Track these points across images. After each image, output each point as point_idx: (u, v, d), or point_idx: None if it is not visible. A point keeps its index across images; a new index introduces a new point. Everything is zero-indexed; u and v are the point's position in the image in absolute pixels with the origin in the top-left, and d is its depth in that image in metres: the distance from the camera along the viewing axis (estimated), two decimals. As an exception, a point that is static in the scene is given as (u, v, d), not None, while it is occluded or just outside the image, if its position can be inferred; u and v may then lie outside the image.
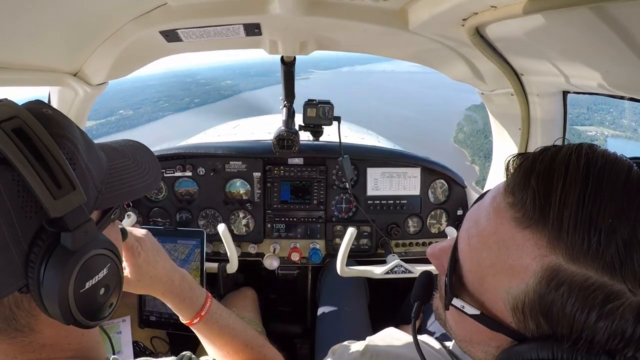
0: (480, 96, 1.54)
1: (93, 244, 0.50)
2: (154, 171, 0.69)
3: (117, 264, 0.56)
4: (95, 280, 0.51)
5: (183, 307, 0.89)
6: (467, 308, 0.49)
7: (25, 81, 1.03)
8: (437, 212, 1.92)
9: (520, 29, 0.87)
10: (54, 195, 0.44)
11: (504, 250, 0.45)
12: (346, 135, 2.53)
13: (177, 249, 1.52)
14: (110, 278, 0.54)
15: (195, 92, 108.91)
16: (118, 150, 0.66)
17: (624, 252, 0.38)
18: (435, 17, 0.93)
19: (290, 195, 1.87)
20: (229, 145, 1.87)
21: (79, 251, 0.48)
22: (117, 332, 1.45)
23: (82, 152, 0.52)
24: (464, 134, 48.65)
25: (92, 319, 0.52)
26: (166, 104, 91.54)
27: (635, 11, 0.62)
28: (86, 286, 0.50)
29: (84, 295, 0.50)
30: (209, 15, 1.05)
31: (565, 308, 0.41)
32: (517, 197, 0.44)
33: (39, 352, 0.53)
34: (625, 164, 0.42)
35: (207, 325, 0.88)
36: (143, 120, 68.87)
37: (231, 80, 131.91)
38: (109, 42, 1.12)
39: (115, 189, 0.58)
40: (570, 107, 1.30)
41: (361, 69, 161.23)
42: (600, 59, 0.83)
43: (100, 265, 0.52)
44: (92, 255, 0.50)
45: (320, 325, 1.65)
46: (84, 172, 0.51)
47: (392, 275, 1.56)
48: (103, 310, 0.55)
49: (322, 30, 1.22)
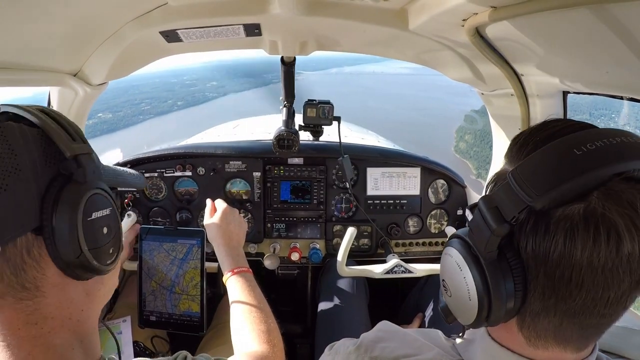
0: (480, 97, 1.54)
1: (99, 183, 0.61)
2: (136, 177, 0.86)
3: (116, 212, 0.64)
4: (100, 214, 0.59)
5: (226, 260, 1.16)
6: None
7: (25, 81, 1.04)
8: (437, 212, 1.92)
9: (520, 30, 0.87)
10: (69, 142, 0.56)
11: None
12: (346, 135, 2.53)
13: (176, 248, 1.52)
14: (111, 220, 0.62)
15: (179, 93, 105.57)
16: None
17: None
18: (435, 17, 0.93)
19: (290, 195, 1.87)
20: (229, 145, 1.87)
21: (88, 183, 0.58)
22: (117, 332, 1.45)
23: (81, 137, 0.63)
24: (466, 143, 44.69)
25: (95, 257, 0.58)
26: (148, 106, 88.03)
27: (635, 11, 0.62)
28: (93, 216, 0.58)
29: (90, 226, 0.57)
30: (209, 15, 1.05)
31: None
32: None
33: (42, 324, 0.55)
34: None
35: (234, 283, 1.10)
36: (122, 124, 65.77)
37: (217, 81, 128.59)
38: (109, 42, 1.12)
39: (109, 176, 0.71)
40: (572, 113, 1.30)
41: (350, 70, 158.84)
42: (600, 59, 0.83)
43: (103, 203, 0.60)
44: (99, 191, 0.60)
45: (320, 325, 1.65)
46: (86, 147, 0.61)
47: (392, 275, 1.56)
48: (105, 253, 0.60)
49: (322, 31, 1.22)
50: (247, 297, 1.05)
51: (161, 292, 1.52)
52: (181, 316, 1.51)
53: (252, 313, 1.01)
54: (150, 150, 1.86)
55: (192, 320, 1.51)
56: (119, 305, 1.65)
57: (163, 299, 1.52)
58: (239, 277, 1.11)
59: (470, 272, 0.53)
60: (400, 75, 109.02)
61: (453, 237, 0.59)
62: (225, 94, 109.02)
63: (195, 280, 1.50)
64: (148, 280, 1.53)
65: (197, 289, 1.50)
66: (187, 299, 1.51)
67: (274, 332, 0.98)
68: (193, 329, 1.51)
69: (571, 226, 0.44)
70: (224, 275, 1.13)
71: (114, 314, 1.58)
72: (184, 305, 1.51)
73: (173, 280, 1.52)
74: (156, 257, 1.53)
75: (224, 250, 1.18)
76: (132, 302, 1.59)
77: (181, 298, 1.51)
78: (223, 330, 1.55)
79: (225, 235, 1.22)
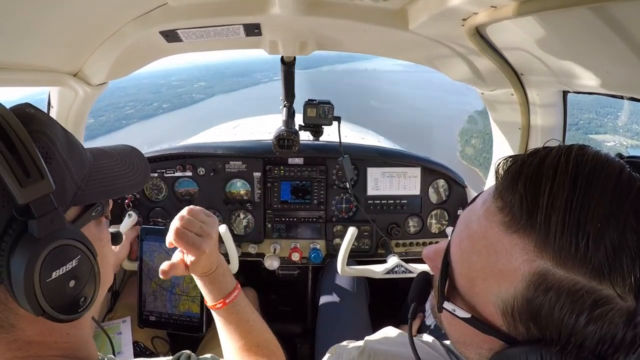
0: (480, 96, 1.54)
1: (61, 234, 0.51)
2: (141, 172, 0.71)
3: (89, 258, 0.55)
4: (62, 270, 0.51)
5: (212, 289, 0.91)
6: (459, 311, 0.49)
7: (25, 81, 1.03)
8: (437, 212, 1.92)
9: (520, 29, 0.88)
10: (21, 183, 0.46)
11: (493, 254, 0.45)
12: (346, 135, 2.53)
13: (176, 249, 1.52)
14: (80, 271, 0.54)
15: (165, 95, 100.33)
16: (107, 152, 0.69)
17: (612, 257, 0.38)
18: (435, 17, 0.93)
19: (290, 195, 1.87)
20: (229, 145, 1.87)
21: (44, 239, 0.49)
22: (117, 332, 1.45)
23: (61, 148, 0.54)
24: (474, 148, 38.44)
25: (64, 312, 0.52)
26: (132, 110, 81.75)
27: (635, 11, 0.62)
28: (53, 276, 0.50)
29: (51, 285, 0.50)
30: (209, 15, 1.05)
31: (554, 313, 0.40)
32: (505, 200, 0.44)
33: (26, 349, 0.53)
34: (616, 166, 0.41)
35: (228, 313, 0.91)
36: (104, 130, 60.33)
37: (205, 82, 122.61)
38: (109, 42, 1.12)
39: (97, 186, 0.60)
40: (579, 112, 1.30)
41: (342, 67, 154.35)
42: (600, 59, 0.83)
43: (68, 256, 0.52)
44: (60, 245, 0.51)
45: (321, 325, 1.65)
46: (60, 166, 0.53)
47: (392, 275, 1.56)
48: (75, 305, 0.54)
49: (322, 30, 1.22)
50: (248, 328, 0.92)
51: (161, 293, 1.52)
52: (181, 317, 1.51)
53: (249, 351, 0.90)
54: (150, 150, 1.86)
55: (191, 321, 1.51)
56: (119, 306, 1.65)
57: (163, 300, 1.52)
58: (232, 305, 0.91)
59: None
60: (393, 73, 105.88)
61: None
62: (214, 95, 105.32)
63: (195, 281, 1.50)
64: (148, 281, 1.52)
65: (197, 290, 1.49)
66: (187, 300, 1.50)
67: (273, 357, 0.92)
68: (193, 330, 1.51)
69: None
70: (212, 306, 0.92)
71: (114, 314, 1.58)
72: (183, 306, 1.51)
73: (173, 282, 1.51)
74: (156, 258, 1.53)
75: (207, 279, 0.92)
76: (132, 302, 1.59)
77: (181, 299, 1.51)
78: (223, 330, 1.55)
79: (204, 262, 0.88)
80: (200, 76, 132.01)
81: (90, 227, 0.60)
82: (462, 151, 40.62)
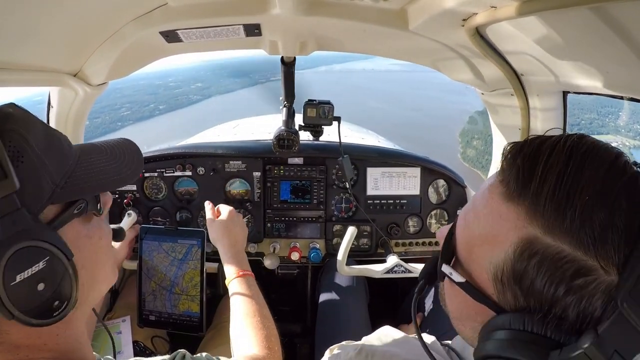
0: (480, 97, 1.54)
1: (25, 235, 0.49)
2: (132, 165, 0.69)
3: (62, 260, 0.52)
4: (27, 273, 0.49)
5: (231, 262, 1.16)
6: (455, 275, 0.52)
7: (25, 81, 1.03)
8: (437, 212, 1.92)
9: (520, 30, 0.88)
10: None
11: (490, 221, 0.48)
12: (346, 135, 2.53)
13: (176, 248, 1.52)
14: (50, 273, 0.51)
15: (162, 96, 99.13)
16: (98, 147, 0.67)
17: (599, 232, 0.39)
18: (435, 17, 0.93)
19: (290, 194, 1.87)
20: (228, 145, 1.87)
21: (6, 241, 0.47)
22: (117, 332, 1.45)
23: (37, 146, 0.52)
24: (476, 150, 37.35)
25: (37, 316, 0.50)
26: (128, 111, 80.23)
27: (635, 11, 0.62)
28: (17, 279, 0.48)
29: (16, 289, 0.48)
30: (209, 15, 1.05)
31: (536, 279, 0.43)
32: (505, 174, 0.48)
33: (15, 352, 0.52)
34: (613, 153, 0.44)
35: (238, 286, 1.09)
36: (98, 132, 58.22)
37: (202, 82, 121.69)
38: (109, 42, 1.12)
39: (79, 182, 0.58)
40: (580, 112, 1.30)
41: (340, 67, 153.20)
42: (600, 59, 0.83)
43: (33, 259, 0.50)
44: (23, 247, 0.49)
45: (320, 325, 1.65)
46: (33, 164, 0.52)
47: (391, 274, 1.56)
48: (49, 308, 0.52)
49: (322, 31, 1.22)
50: (250, 301, 1.05)
51: (161, 292, 1.52)
52: (180, 316, 1.51)
53: (254, 317, 1.01)
54: (150, 150, 1.86)
55: (191, 320, 1.51)
56: (119, 305, 1.65)
57: (162, 299, 1.52)
58: (243, 281, 1.10)
59: None
60: (391, 72, 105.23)
61: None
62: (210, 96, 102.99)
63: (195, 280, 1.50)
64: (148, 280, 1.53)
65: (196, 289, 1.50)
66: (187, 299, 1.51)
67: (274, 337, 0.99)
68: (192, 329, 1.51)
69: None
70: (226, 277, 1.13)
71: (114, 314, 1.58)
72: (183, 306, 1.51)
73: (172, 281, 1.52)
74: (155, 257, 1.53)
75: (230, 252, 1.18)
76: (131, 302, 1.59)
77: (180, 298, 1.51)
78: (223, 330, 1.55)
79: (231, 238, 1.21)
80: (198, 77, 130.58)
81: (74, 225, 0.58)
82: (463, 153, 39.98)
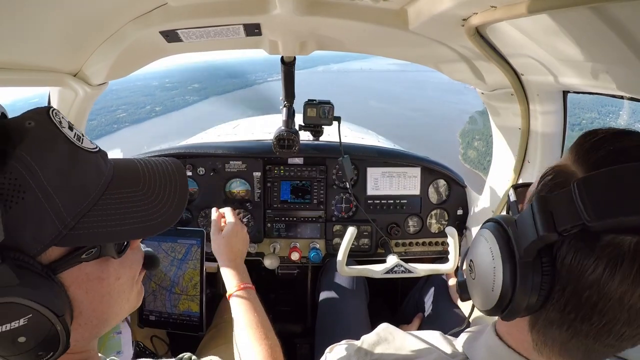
0: (480, 96, 1.54)
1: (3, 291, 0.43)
2: (169, 206, 0.57)
3: (48, 317, 0.46)
4: (4, 328, 0.44)
5: (232, 276, 1.16)
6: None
7: (25, 81, 1.03)
8: (437, 212, 1.93)
9: (520, 29, 0.88)
10: None
11: None
12: (346, 135, 2.53)
13: (175, 248, 1.52)
14: (32, 329, 0.45)
15: (159, 98, 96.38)
16: (136, 173, 0.58)
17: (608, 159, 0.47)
18: (435, 17, 0.93)
19: (290, 194, 1.87)
20: (228, 145, 1.87)
21: None
22: (117, 332, 1.45)
23: (48, 180, 0.46)
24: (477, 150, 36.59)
25: None
26: (124, 113, 77.53)
27: (635, 11, 0.62)
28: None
29: None
30: (209, 15, 1.05)
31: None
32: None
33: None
34: None
35: (238, 301, 1.10)
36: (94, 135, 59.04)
37: (199, 83, 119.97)
38: (109, 42, 1.12)
39: (95, 225, 0.50)
40: (579, 111, 1.30)
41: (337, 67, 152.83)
42: (600, 59, 0.83)
43: (12, 315, 0.44)
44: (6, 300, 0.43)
45: (320, 325, 1.65)
46: (37, 202, 0.45)
47: (392, 275, 1.56)
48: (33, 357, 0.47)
49: (322, 31, 1.22)
50: (252, 313, 1.06)
51: (160, 292, 1.52)
52: (180, 316, 1.51)
53: (257, 329, 1.02)
54: (150, 150, 1.86)
55: (191, 320, 1.51)
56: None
57: (162, 299, 1.52)
58: (245, 294, 1.11)
59: (502, 266, 0.52)
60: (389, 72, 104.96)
61: (494, 221, 0.56)
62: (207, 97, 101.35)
63: (195, 280, 1.50)
64: (147, 280, 1.53)
65: (196, 289, 1.50)
66: (187, 299, 1.51)
67: (277, 347, 1.01)
68: (192, 329, 1.51)
69: (617, 256, 0.43)
70: (227, 290, 1.14)
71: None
72: (183, 306, 1.51)
73: (172, 281, 1.52)
74: (156, 257, 1.53)
75: (230, 266, 1.18)
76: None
77: (180, 298, 1.51)
78: (223, 330, 1.55)
79: (231, 254, 1.21)
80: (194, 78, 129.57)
81: (82, 268, 0.51)
82: (464, 153, 38.64)
